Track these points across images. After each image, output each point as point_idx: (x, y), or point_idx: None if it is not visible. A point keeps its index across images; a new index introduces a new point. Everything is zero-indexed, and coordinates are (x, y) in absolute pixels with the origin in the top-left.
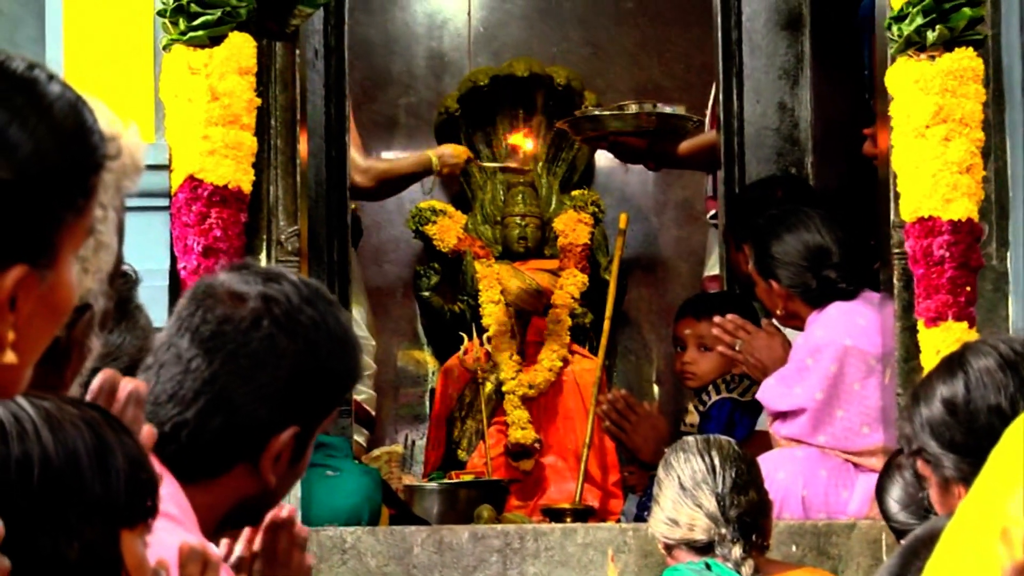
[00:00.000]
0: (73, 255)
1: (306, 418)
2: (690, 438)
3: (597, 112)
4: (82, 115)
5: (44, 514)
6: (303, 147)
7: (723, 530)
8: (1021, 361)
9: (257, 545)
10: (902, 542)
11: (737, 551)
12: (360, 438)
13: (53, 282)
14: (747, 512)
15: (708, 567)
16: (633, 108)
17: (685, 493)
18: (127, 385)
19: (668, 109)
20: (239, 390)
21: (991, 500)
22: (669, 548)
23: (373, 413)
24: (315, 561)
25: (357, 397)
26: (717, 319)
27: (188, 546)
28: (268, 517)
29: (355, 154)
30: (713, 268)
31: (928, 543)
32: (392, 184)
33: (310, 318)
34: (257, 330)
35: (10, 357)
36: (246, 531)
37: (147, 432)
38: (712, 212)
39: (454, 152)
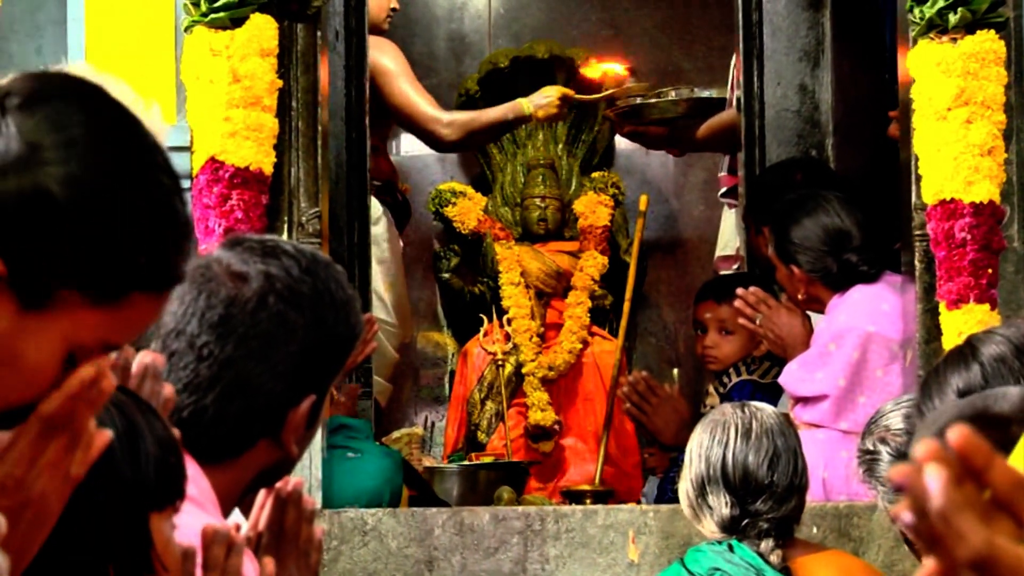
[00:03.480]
0: (63, 342)
1: (320, 385)
2: (730, 415)
3: (639, 101)
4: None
5: (75, 497)
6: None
7: (748, 526)
8: None
9: (264, 522)
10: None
11: (766, 545)
12: None
13: (29, 330)
14: (783, 511)
15: (731, 548)
16: (672, 95)
17: (705, 494)
18: (143, 359)
19: (705, 93)
20: (255, 371)
21: None
22: None
23: (383, 405)
24: (323, 534)
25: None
26: (740, 291)
27: (212, 528)
28: (274, 492)
29: (432, 109)
30: (726, 248)
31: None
32: (482, 134)
33: (312, 288)
34: (264, 309)
35: None
36: (253, 511)
37: (168, 392)
38: (723, 189)
39: (546, 94)
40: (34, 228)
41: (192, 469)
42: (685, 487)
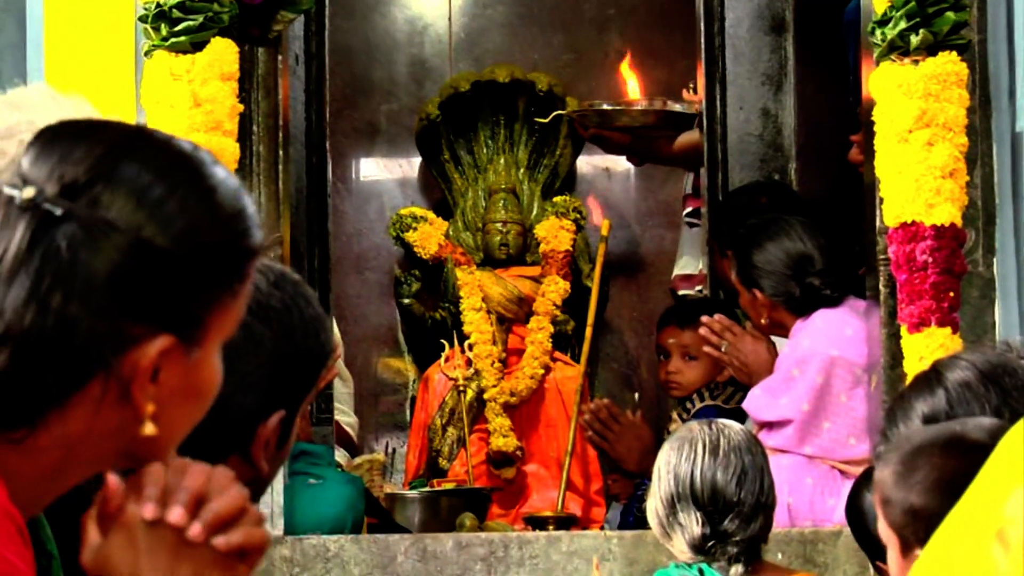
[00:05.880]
0: (220, 339)
1: (290, 401)
2: (698, 432)
3: (607, 107)
4: (242, 201)
5: (60, 511)
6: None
7: (717, 550)
8: (1000, 373)
9: None
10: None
11: (735, 571)
12: (341, 459)
13: (198, 361)
14: (750, 531)
15: (701, 572)
16: (643, 104)
17: (675, 512)
18: None
19: (678, 107)
20: (223, 384)
21: (986, 503)
22: None
23: (355, 440)
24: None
25: (340, 419)
26: (704, 318)
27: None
28: None
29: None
30: (685, 267)
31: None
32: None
33: (280, 301)
34: None
35: (150, 429)
36: None
37: None
38: (688, 210)
39: None
40: (171, 290)
41: None
42: (654, 506)
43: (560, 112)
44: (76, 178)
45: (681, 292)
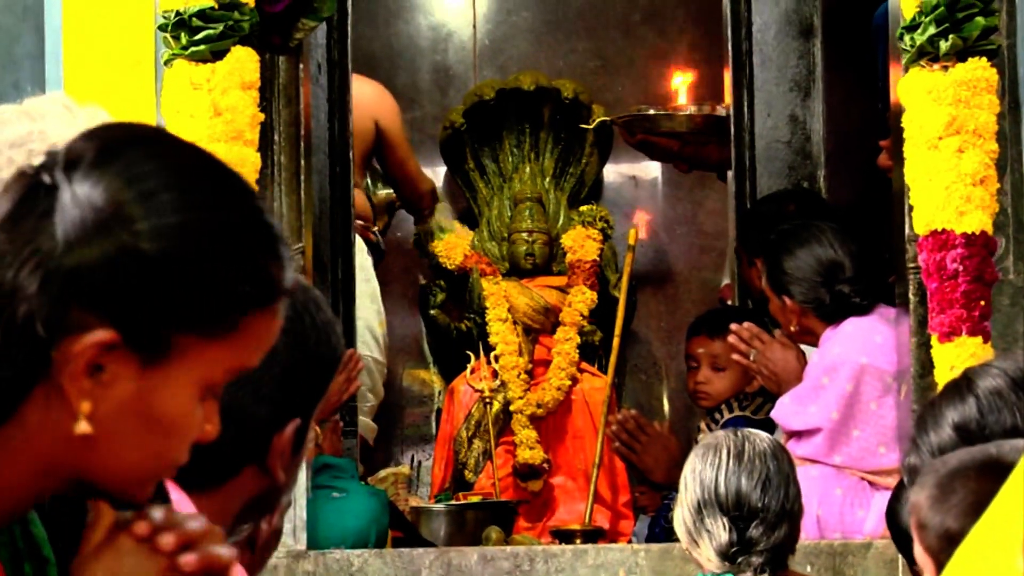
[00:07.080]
0: (195, 377)
1: (303, 409)
2: (723, 439)
3: (652, 112)
4: (258, 239)
5: (55, 532)
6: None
7: (741, 559)
8: None
9: None
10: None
11: None
12: None
13: (158, 384)
14: (774, 539)
15: None
16: (690, 109)
17: (702, 518)
18: None
19: (724, 112)
20: (238, 394)
21: (1010, 516)
22: None
23: (372, 444)
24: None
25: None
26: (734, 326)
27: None
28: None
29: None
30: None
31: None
32: None
33: (292, 309)
34: None
35: (83, 427)
36: None
37: None
38: None
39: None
40: (132, 285)
41: (176, 494)
42: (682, 515)
43: (606, 118)
44: (82, 154)
45: (730, 302)
